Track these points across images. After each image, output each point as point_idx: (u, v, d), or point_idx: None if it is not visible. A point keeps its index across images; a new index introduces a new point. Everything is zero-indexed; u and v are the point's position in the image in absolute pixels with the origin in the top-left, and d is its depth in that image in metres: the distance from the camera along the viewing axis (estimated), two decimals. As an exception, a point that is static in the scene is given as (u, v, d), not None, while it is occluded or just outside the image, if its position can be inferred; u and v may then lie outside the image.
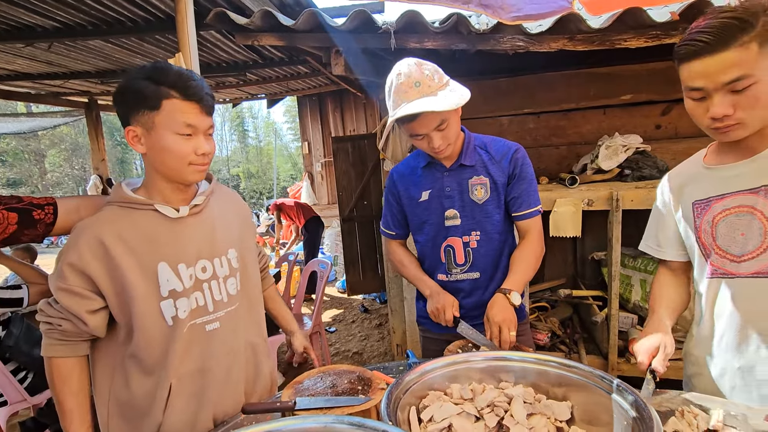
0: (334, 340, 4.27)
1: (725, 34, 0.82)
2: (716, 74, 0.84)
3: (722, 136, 0.92)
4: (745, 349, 0.97)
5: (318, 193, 7.28)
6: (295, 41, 1.89)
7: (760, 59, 0.82)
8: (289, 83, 5.03)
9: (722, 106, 0.86)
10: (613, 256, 2.01)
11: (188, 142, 1.01)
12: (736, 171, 0.98)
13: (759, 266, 0.94)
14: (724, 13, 0.84)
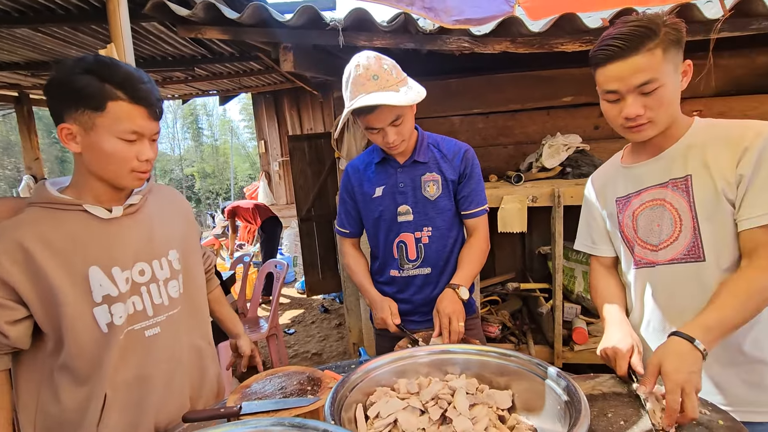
0: (293, 342, 4.20)
1: (634, 41, 0.89)
2: (629, 78, 0.91)
3: (635, 135, 0.99)
4: (667, 332, 1.04)
5: (276, 192, 7.13)
6: (241, 36, 1.84)
7: (663, 64, 0.90)
8: (242, 80, 4.88)
9: (635, 107, 0.93)
10: (556, 250, 2.13)
11: (131, 147, 0.95)
12: (648, 168, 1.06)
13: (673, 253, 1.02)
14: (632, 22, 0.91)
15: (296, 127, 6.67)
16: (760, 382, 0.97)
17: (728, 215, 0.94)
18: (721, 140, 0.95)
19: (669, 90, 0.93)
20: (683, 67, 0.96)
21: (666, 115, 0.95)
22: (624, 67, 0.91)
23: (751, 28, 1.80)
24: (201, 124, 27.96)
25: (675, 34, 0.91)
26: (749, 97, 2.53)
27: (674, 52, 0.92)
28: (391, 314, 1.36)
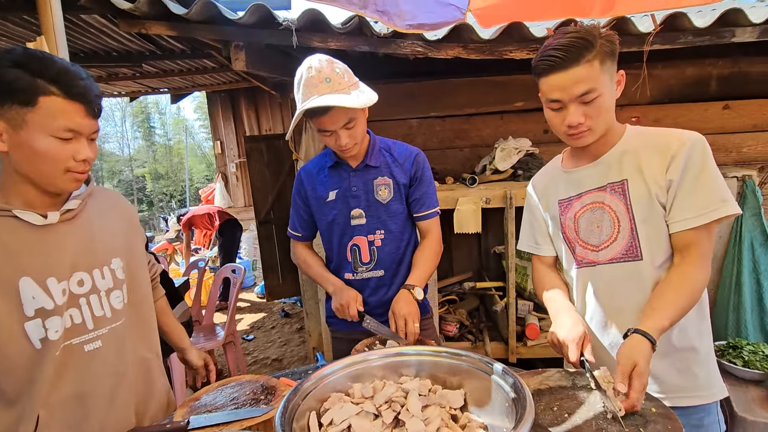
0: (252, 349, 4.09)
1: (574, 52, 0.94)
2: (570, 87, 0.96)
3: (576, 142, 1.05)
4: (610, 328, 1.11)
5: (233, 195, 6.91)
6: (189, 32, 1.76)
7: (601, 75, 0.96)
8: (195, 78, 4.69)
9: (576, 116, 0.98)
10: (509, 250, 2.21)
11: (66, 146, 0.89)
12: (587, 172, 1.11)
13: (613, 253, 1.08)
14: (571, 34, 0.95)
15: (254, 127, 6.50)
16: (687, 369, 1.05)
17: (661, 217, 1.02)
18: (651, 148, 1.02)
19: (606, 99, 0.98)
20: (617, 77, 1.02)
21: (604, 122, 1.01)
22: (565, 77, 0.95)
23: (679, 41, 1.96)
24: (153, 123, 26.58)
25: (609, 45, 0.97)
26: (680, 105, 2.75)
27: (609, 63, 0.98)
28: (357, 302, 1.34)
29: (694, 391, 1.05)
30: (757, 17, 1.97)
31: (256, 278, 6.17)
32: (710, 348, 1.08)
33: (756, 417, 1.53)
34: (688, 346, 1.04)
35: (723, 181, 0.97)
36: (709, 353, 1.08)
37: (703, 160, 0.97)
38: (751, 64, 2.70)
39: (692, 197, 0.97)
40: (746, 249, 2.06)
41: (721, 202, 0.94)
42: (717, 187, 0.96)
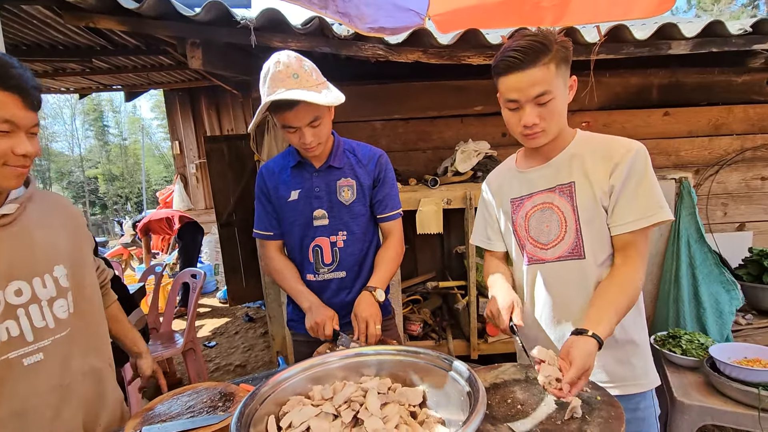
0: (215, 355, 3.97)
1: (532, 54, 0.97)
2: (527, 88, 0.99)
3: (530, 142, 1.09)
4: (557, 322, 1.16)
5: (193, 196, 6.67)
6: (142, 28, 1.69)
7: (555, 78, 1.00)
8: (151, 75, 4.49)
9: (531, 116, 1.02)
10: (470, 250, 2.27)
11: (3, 140, 0.84)
12: (539, 173, 1.16)
13: (560, 251, 1.13)
14: (529, 36, 0.99)
15: (215, 127, 6.31)
16: (627, 360, 1.12)
17: (603, 219, 1.08)
18: (597, 154, 1.07)
19: (559, 102, 1.03)
20: (570, 82, 1.07)
21: (556, 124, 1.06)
22: (523, 78, 0.99)
23: (622, 52, 2.09)
24: (106, 122, 25.17)
25: (564, 51, 1.01)
26: (626, 111, 2.93)
27: (564, 68, 1.02)
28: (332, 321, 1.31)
29: (633, 380, 1.12)
30: (690, 32, 2.14)
31: (218, 283, 5.98)
32: (646, 341, 1.16)
33: (692, 401, 1.66)
34: (628, 339, 1.12)
35: (660, 189, 1.04)
36: (646, 345, 1.16)
37: (644, 168, 1.03)
38: (687, 74, 2.92)
39: (633, 203, 1.03)
40: (683, 245, 2.23)
41: (659, 208, 1.01)
42: (655, 194, 1.03)
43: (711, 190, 3.01)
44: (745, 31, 2.20)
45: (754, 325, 2.34)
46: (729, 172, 3.02)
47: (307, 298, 1.38)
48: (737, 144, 3.00)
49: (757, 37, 2.22)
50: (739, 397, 1.59)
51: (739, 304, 2.24)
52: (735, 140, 3.00)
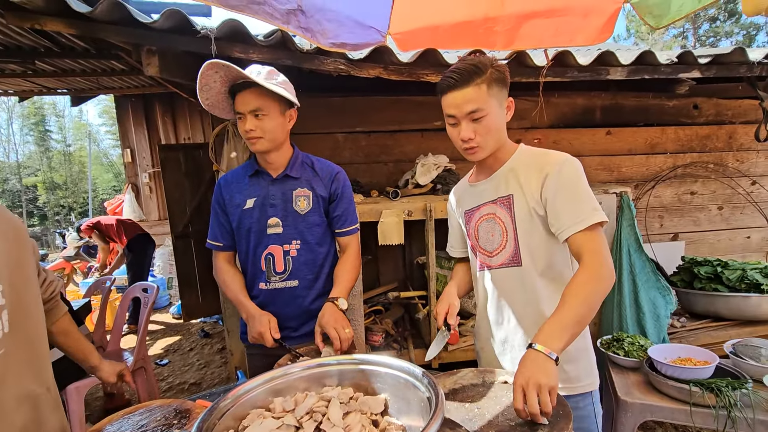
0: (167, 374, 3.77)
1: (466, 76, 1.09)
2: (462, 105, 1.10)
3: (470, 156, 1.18)
4: (501, 323, 1.26)
5: (146, 207, 6.36)
6: (94, 32, 1.62)
7: (489, 98, 1.10)
8: (101, 79, 4.28)
9: (467, 131, 1.12)
10: (430, 260, 2.34)
11: None
12: (484, 187, 1.26)
13: (502, 259, 1.23)
14: (467, 61, 1.11)
15: (170, 135, 6.08)
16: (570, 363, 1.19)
17: (539, 229, 1.17)
18: (531, 167, 1.16)
19: (494, 119, 1.12)
20: (507, 102, 1.16)
21: (493, 140, 1.15)
22: (458, 96, 1.10)
23: (567, 75, 2.27)
24: (49, 127, 23.48)
25: (498, 74, 1.12)
26: (573, 129, 3.14)
27: (498, 89, 1.12)
28: (270, 329, 1.34)
29: (575, 381, 1.20)
30: (625, 59, 2.36)
31: (171, 297, 5.71)
32: (588, 346, 1.24)
33: (634, 399, 1.78)
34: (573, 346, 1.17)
35: (592, 195, 1.12)
36: (586, 350, 1.23)
37: (574, 177, 1.11)
38: (626, 97, 3.19)
39: (568, 208, 1.10)
40: (624, 254, 2.41)
41: (593, 211, 1.08)
42: (588, 199, 1.10)
43: (648, 203, 3.28)
44: (672, 61, 2.44)
45: (687, 327, 2.55)
46: (664, 187, 3.30)
47: (247, 309, 1.40)
48: (670, 161, 3.29)
49: (682, 67, 2.48)
50: (674, 393, 1.73)
51: (673, 308, 2.44)
52: (668, 158, 3.29)
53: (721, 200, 3.40)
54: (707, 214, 3.40)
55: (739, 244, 3.49)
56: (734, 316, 2.47)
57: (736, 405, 1.58)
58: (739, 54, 2.47)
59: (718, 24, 18.87)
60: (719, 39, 18.82)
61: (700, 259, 2.64)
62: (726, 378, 1.69)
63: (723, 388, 1.60)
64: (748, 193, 3.39)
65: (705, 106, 3.30)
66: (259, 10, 1.25)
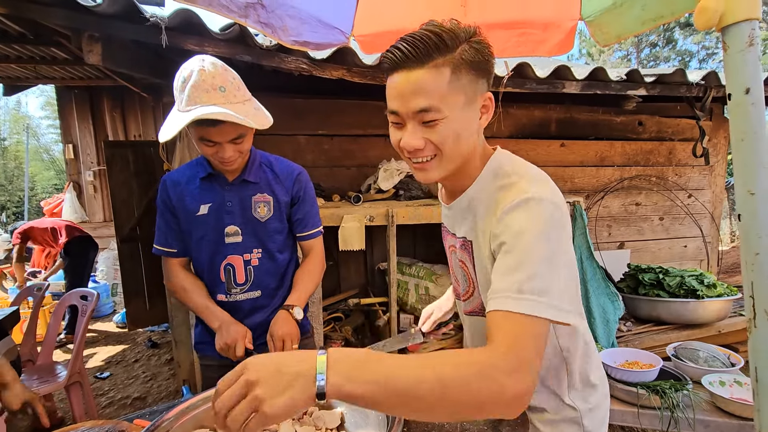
0: (109, 388, 3.49)
1: (422, 48, 0.70)
2: (408, 97, 0.72)
3: (419, 174, 0.80)
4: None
5: (89, 208, 5.92)
6: (25, 12, 1.46)
7: (450, 93, 0.72)
8: (39, 68, 3.95)
9: (413, 138, 0.74)
10: (391, 266, 2.31)
11: None
12: (447, 212, 0.95)
13: (471, 306, 0.95)
14: (428, 27, 0.73)
15: (119, 131, 5.72)
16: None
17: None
18: (489, 205, 0.80)
19: (457, 125, 0.74)
20: (483, 100, 0.77)
21: (454, 155, 0.77)
22: (405, 80, 0.72)
23: (526, 87, 2.35)
24: (-22, 117, 21.46)
25: (475, 54, 0.72)
26: (531, 140, 3.26)
27: (468, 78, 0.73)
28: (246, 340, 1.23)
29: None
30: (580, 74, 2.47)
31: (115, 305, 5.33)
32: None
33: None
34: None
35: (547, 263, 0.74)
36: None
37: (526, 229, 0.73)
38: (579, 111, 3.35)
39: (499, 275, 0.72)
40: (577, 261, 2.51)
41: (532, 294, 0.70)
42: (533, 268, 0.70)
43: (598, 213, 3.45)
44: (622, 78, 2.59)
45: (633, 331, 2.69)
46: (612, 198, 3.49)
47: (218, 317, 1.28)
48: (618, 174, 3.49)
49: (630, 84, 2.64)
50: (623, 396, 1.80)
51: (621, 314, 2.57)
52: (616, 171, 3.49)
53: (662, 211, 3.64)
54: (650, 224, 3.63)
55: (678, 252, 3.74)
56: (675, 320, 2.63)
57: (679, 406, 1.66)
58: (680, 75, 2.67)
59: (658, 49, 20.52)
60: (658, 63, 20.46)
61: (644, 267, 2.80)
62: (669, 380, 1.79)
63: (667, 390, 1.69)
64: (685, 205, 3.66)
65: (648, 123, 3.54)
66: (214, 2, 1.16)
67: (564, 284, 0.68)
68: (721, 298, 2.53)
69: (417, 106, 0.72)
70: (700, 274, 2.62)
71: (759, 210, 0.65)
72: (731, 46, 0.66)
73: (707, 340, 2.46)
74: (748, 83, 0.65)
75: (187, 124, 1.08)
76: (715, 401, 1.70)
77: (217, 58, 1.17)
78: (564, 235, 0.73)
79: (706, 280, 2.57)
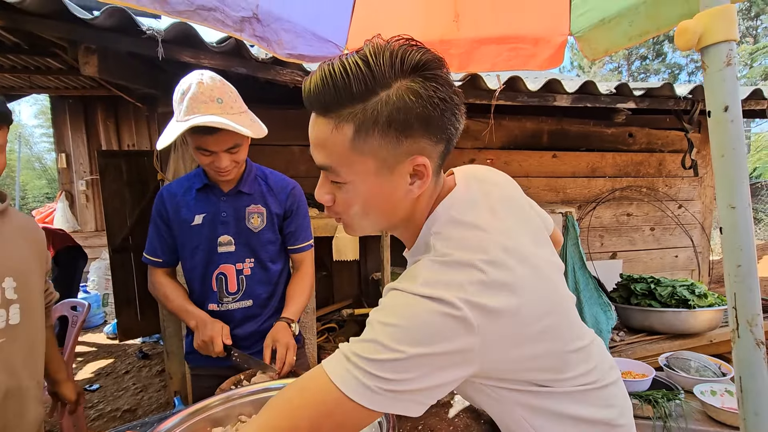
0: (98, 400, 3.44)
1: (325, 91, 0.56)
2: (312, 146, 0.62)
3: (339, 223, 0.69)
4: None
5: (81, 217, 5.87)
6: (22, 24, 1.48)
7: (352, 155, 0.58)
8: (33, 78, 3.95)
9: (320, 191, 0.64)
10: (385, 276, 2.32)
11: None
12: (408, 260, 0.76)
13: None
14: (345, 60, 0.56)
15: (113, 141, 5.70)
16: None
17: None
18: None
19: (366, 193, 0.61)
20: (410, 165, 0.59)
21: (370, 222, 0.65)
22: (311, 124, 0.62)
23: (517, 99, 2.39)
24: (-30, 126, 21.26)
25: (403, 104, 0.55)
26: (523, 152, 3.30)
27: (382, 141, 0.57)
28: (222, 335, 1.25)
29: None
30: (570, 87, 2.52)
31: (106, 315, 5.27)
32: None
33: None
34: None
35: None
36: None
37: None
38: (571, 123, 3.41)
39: None
40: (570, 272, 2.53)
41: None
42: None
43: (590, 223, 3.49)
44: (611, 92, 2.65)
45: (625, 341, 2.71)
46: (604, 209, 3.53)
47: (194, 316, 1.30)
48: (609, 185, 3.54)
49: (619, 98, 2.69)
50: (615, 406, 1.80)
51: (614, 323, 2.59)
52: (607, 182, 3.54)
53: (653, 222, 3.69)
54: (641, 234, 3.68)
55: (669, 262, 3.79)
56: (666, 329, 2.65)
57: (671, 415, 1.67)
58: (667, 89, 2.73)
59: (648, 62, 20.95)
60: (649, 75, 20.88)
61: (636, 277, 2.82)
62: (661, 390, 1.80)
63: (659, 400, 1.70)
64: (675, 215, 3.71)
65: (638, 135, 3.60)
66: (209, 17, 1.18)
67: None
68: (711, 307, 2.55)
69: (317, 161, 0.61)
70: (691, 284, 2.65)
71: (739, 223, 0.67)
72: (710, 66, 0.69)
73: (699, 350, 2.48)
74: (726, 101, 0.67)
75: (185, 133, 1.13)
76: (707, 410, 1.71)
77: (215, 73, 1.21)
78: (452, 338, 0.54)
79: (697, 290, 2.60)
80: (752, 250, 0.68)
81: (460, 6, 1.59)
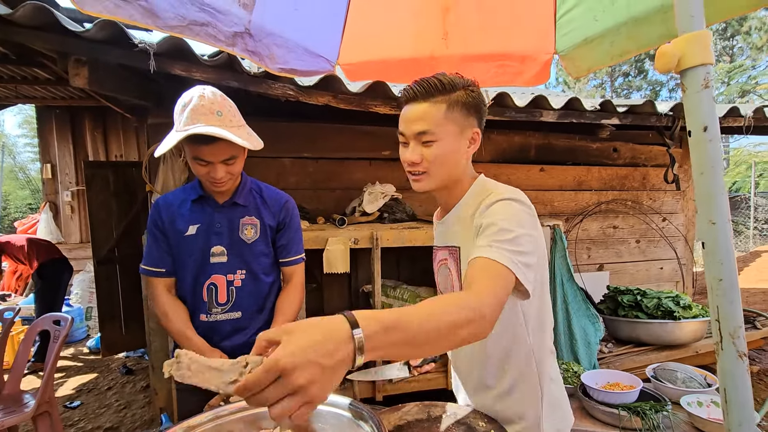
0: (79, 418, 3.32)
1: (428, 89, 0.94)
2: (412, 122, 0.95)
3: (414, 184, 1.02)
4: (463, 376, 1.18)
5: (66, 228, 5.76)
6: (13, 36, 1.47)
7: (445, 122, 0.94)
8: (20, 87, 3.91)
9: (413, 154, 0.97)
10: (376, 289, 2.31)
11: None
12: (440, 228, 1.13)
13: None
14: (436, 75, 0.96)
15: (100, 152, 5.64)
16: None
17: None
18: (474, 212, 0.97)
19: (447, 147, 0.96)
20: (471, 134, 0.99)
21: (443, 172, 0.98)
22: (412, 111, 0.96)
23: (505, 115, 2.44)
24: (-48, 134, 20.83)
25: (467, 97, 0.96)
26: (511, 165, 3.36)
27: (461, 114, 0.95)
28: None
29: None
30: (556, 104, 2.59)
31: (89, 329, 5.13)
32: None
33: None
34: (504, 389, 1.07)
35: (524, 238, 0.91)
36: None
37: (501, 214, 0.92)
38: (557, 138, 3.48)
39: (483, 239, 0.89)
40: (558, 284, 2.56)
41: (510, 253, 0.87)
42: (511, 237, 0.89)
43: (578, 236, 3.54)
44: (596, 108, 2.72)
45: (613, 352, 2.73)
46: (590, 221, 3.59)
47: (195, 346, 1.29)
48: (595, 198, 3.61)
49: (604, 114, 2.77)
50: (605, 418, 1.81)
51: (602, 335, 2.61)
52: (593, 195, 3.60)
53: (639, 234, 3.76)
54: (627, 246, 3.74)
55: (654, 274, 3.85)
56: (653, 341, 2.69)
57: (659, 427, 1.68)
58: (649, 106, 2.81)
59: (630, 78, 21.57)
60: (631, 91, 21.48)
61: (623, 288, 2.86)
62: (649, 401, 1.81)
63: (647, 411, 1.71)
64: (660, 228, 3.79)
65: (623, 150, 3.69)
66: (201, 32, 1.20)
67: (527, 260, 0.87)
68: (696, 319, 2.60)
69: (417, 129, 0.96)
70: (676, 296, 2.70)
71: (719, 238, 0.69)
72: (689, 88, 0.72)
73: (685, 361, 2.51)
74: (705, 121, 0.70)
75: (183, 142, 1.17)
76: (693, 421, 1.73)
77: (217, 89, 1.26)
78: (536, 226, 0.94)
79: (682, 301, 2.65)
80: (733, 264, 0.70)
81: (449, 24, 1.64)
